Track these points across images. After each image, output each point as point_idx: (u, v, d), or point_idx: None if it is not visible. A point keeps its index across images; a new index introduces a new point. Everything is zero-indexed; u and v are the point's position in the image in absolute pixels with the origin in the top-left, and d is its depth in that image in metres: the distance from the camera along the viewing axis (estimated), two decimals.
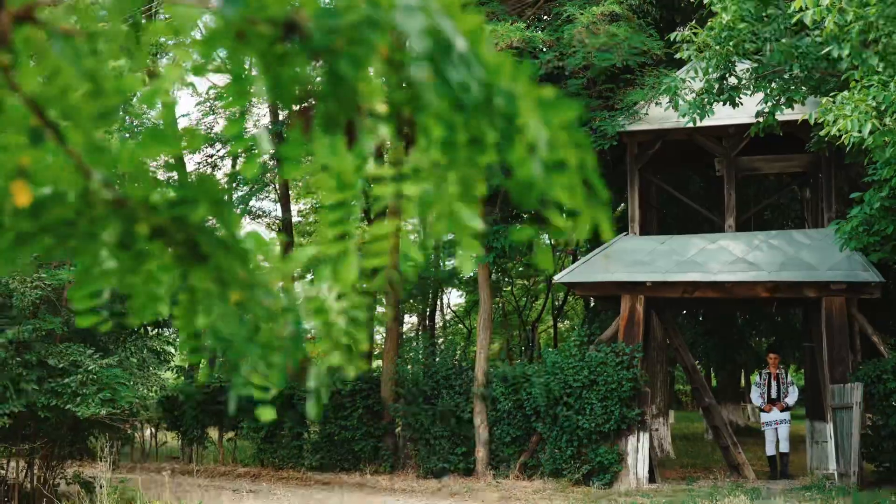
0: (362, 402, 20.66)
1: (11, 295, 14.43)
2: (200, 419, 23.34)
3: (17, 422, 14.61)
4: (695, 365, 20.36)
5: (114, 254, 1.55)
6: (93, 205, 1.50)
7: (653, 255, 18.12)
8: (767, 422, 18.46)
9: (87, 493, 15.49)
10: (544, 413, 17.72)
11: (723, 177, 18.74)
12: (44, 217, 1.51)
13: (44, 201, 1.49)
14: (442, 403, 19.49)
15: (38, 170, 1.48)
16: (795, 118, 15.30)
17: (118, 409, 14.60)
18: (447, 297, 40.08)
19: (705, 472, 18.79)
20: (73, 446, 16.93)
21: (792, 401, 18.57)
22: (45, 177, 1.49)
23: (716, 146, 18.60)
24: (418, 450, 19.99)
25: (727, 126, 17.79)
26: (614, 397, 17.04)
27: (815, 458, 17.89)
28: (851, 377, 16.45)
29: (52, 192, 1.49)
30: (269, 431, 21.92)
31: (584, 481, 17.24)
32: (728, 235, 18.31)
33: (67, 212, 1.51)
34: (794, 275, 16.92)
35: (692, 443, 26.54)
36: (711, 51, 14.16)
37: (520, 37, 16.46)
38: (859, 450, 15.69)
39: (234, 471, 21.81)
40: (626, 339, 17.70)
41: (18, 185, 1.48)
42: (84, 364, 14.35)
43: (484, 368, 19.29)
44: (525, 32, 16.71)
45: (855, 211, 14.48)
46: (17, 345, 14.38)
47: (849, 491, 15.17)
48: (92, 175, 1.49)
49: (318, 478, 20.25)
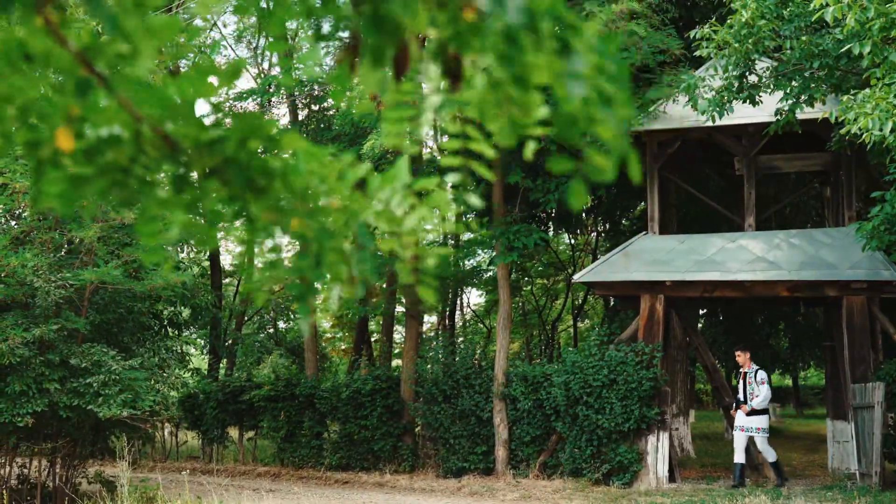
0: (382, 401, 20.68)
1: (35, 294, 14.51)
2: (221, 419, 23.42)
3: (39, 421, 14.71)
4: (715, 364, 20.29)
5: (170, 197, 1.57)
6: (145, 150, 1.53)
7: (672, 255, 18.07)
8: (736, 426, 17.25)
9: (109, 492, 15.57)
10: (564, 412, 17.70)
11: (742, 176, 18.67)
12: (98, 160, 1.53)
13: (97, 145, 1.52)
14: (462, 403, 19.50)
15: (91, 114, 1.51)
16: (816, 116, 15.22)
17: (139, 411, 14.66)
18: (467, 296, 40.13)
19: (725, 472, 18.72)
20: (94, 446, 17.02)
21: (759, 403, 16.85)
22: (99, 120, 1.51)
23: (735, 145, 18.53)
24: (438, 449, 20.00)
25: (747, 125, 17.72)
26: (634, 397, 17.01)
27: (837, 457, 17.81)
28: (873, 376, 16.37)
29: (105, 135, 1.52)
30: (289, 431, 21.98)
31: (603, 481, 17.21)
32: (748, 234, 18.24)
33: (122, 157, 1.53)
34: (815, 274, 16.85)
35: (712, 442, 26.44)
36: (731, 48, 14.10)
37: None
38: (881, 449, 15.61)
39: (254, 470, 21.87)
40: (645, 338, 17.67)
41: (62, 132, 1.51)
42: (106, 364, 14.42)
43: (504, 368, 19.27)
44: None
45: (875, 210, 14.41)
46: (39, 344, 14.47)
47: (870, 491, 15.09)
48: (142, 120, 1.51)
49: (338, 477, 20.29)
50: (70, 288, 14.65)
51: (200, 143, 1.54)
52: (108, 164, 1.52)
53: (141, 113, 1.51)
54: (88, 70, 1.48)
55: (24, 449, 16.43)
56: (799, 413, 43.77)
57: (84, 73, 1.48)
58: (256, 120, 1.56)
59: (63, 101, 1.48)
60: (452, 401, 19.73)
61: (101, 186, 1.54)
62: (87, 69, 1.48)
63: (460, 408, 19.50)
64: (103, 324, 16.14)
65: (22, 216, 16.21)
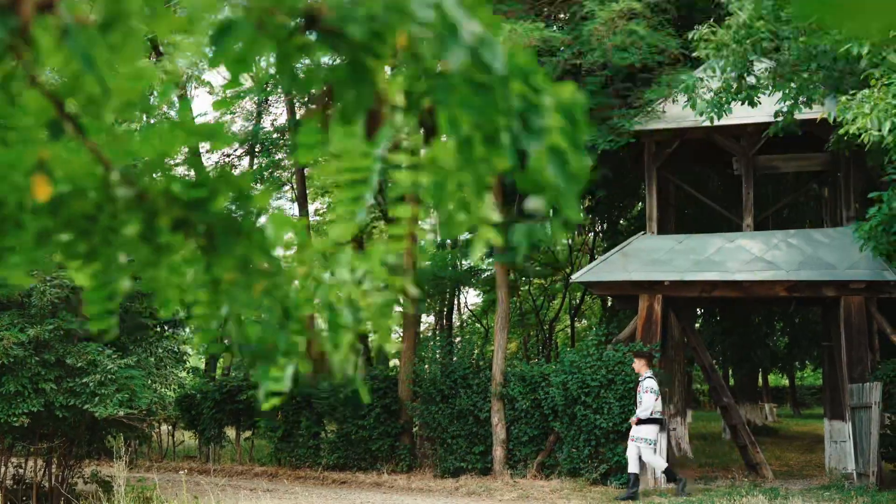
0: (379, 401, 20.66)
1: (30, 294, 14.47)
2: (218, 418, 23.39)
3: (35, 421, 14.66)
4: (712, 364, 20.28)
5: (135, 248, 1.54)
6: (113, 198, 1.49)
7: (671, 255, 18.06)
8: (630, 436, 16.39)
9: (105, 492, 15.54)
10: (562, 412, 17.68)
11: (741, 176, 18.67)
12: (64, 212, 1.50)
13: (63, 197, 1.49)
14: (459, 403, 19.48)
15: (57, 164, 1.47)
16: (814, 117, 15.20)
17: (136, 410, 14.62)
18: (464, 296, 40.10)
19: (723, 472, 18.72)
20: (90, 445, 16.97)
21: (640, 412, 15.93)
22: (65, 171, 1.48)
23: (734, 145, 18.53)
24: (435, 449, 19.98)
25: (745, 125, 17.72)
26: (632, 397, 17.00)
27: (834, 457, 17.81)
28: (870, 377, 16.37)
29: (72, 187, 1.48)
30: (287, 431, 21.95)
31: (601, 481, 17.20)
32: (746, 234, 18.24)
33: (88, 206, 1.50)
34: (813, 274, 16.84)
35: (710, 442, 26.45)
36: (729, 49, 14.08)
37: (538, 36, 16.42)
38: (878, 449, 15.62)
39: (252, 470, 21.85)
40: (643, 338, 17.65)
41: (39, 180, 1.47)
42: (102, 364, 14.38)
43: (501, 368, 19.25)
44: (544, 31, 16.66)
45: (873, 210, 14.39)
46: (35, 344, 14.42)
47: (868, 491, 15.09)
48: (111, 168, 1.48)
49: (335, 477, 20.26)
50: (66, 287, 14.61)
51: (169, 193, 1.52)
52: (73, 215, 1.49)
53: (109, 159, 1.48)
54: (59, 112, 1.45)
55: (19, 449, 16.39)
56: (796, 413, 43.85)
57: (56, 115, 1.45)
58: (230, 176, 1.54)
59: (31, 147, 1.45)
60: (450, 401, 19.71)
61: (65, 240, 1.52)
62: (58, 111, 1.45)
63: (458, 408, 19.48)
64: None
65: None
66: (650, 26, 17.42)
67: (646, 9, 17.31)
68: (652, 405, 15.87)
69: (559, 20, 19.77)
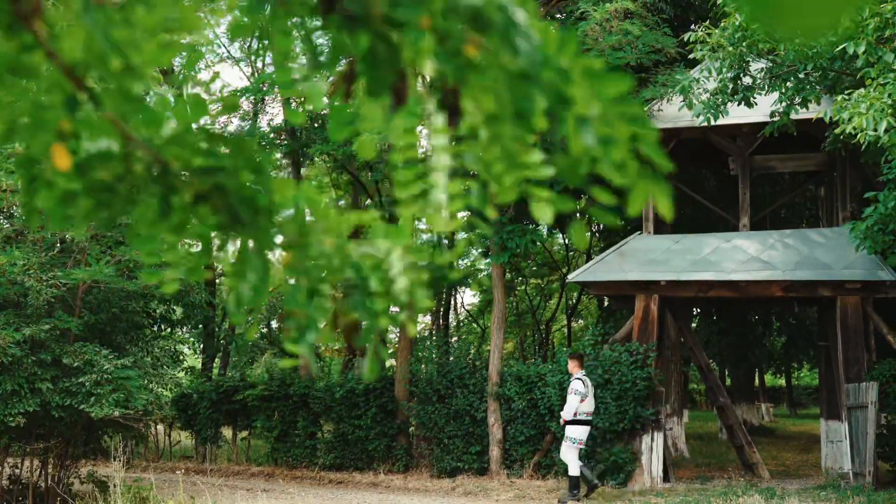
0: (376, 401, 20.66)
1: (27, 294, 14.45)
2: (214, 418, 23.38)
3: (31, 421, 14.64)
4: (709, 364, 20.29)
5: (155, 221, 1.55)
6: (133, 169, 1.50)
7: (667, 255, 18.06)
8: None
9: (101, 492, 15.53)
10: (558, 412, 17.68)
11: (737, 175, 18.68)
12: (88, 176, 1.51)
13: (89, 160, 1.49)
14: (456, 403, 19.48)
15: (83, 128, 1.48)
16: (810, 117, 15.23)
17: (132, 410, 14.61)
18: (461, 296, 40.11)
19: (720, 472, 18.73)
20: (87, 445, 16.96)
21: (564, 413, 15.66)
22: (92, 134, 1.49)
23: (730, 145, 18.53)
24: (432, 449, 19.98)
25: (741, 125, 17.73)
26: (629, 396, 17.01)
27: (830, 457, 17.82)
28: (866, 376, 16.38)
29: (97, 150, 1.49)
30: (283, 431, 21.95)
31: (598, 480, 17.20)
32: (742, 234, 18.25)
33: (109, 174, 1.51)
34: (809, 274, 16.85)
35: (706, 442, 26.47)
36: (725, 51, 14.10)
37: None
38: (874, 449, 15.63)
39: (248, 470, 21.84)
40: (640, 338, 17.66)
41: (58, 149, 1.48)
42: (99, 364, 14.35)
43: (498, 368, 19.25)
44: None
45: (869, 210, 14.41)
46: (31, 343, 14.40)
47: (864, 490, 15.10)
48: (132, 139, 1.49)
49: (332, 477, 20.26)
50: (62, 287, 14.59)
51: (191, 167, 1.51)
52: (95, 182, 1.50)
53: (130, 130, 1.48)
54: (77, 85, 1.45)
55: (15, 449, 16.36)
56: (792, 413, 43.87)
57: (72, 88, 1.46)
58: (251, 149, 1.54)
59: (53, 117, 1.46)
60: (446, 401, 19.71)
61: (87, 204, 1.52)
62: (77, 84, 1.45)
63: (454, 408, 19.48)
64: (96, 323, 16.07)
65: (14, 215, 16.13)
66: (646, 26, 17.42)
67: (641, 8, 17.32)
68: (575, 406, 15.52)
69: (555, 20, 19.75)
